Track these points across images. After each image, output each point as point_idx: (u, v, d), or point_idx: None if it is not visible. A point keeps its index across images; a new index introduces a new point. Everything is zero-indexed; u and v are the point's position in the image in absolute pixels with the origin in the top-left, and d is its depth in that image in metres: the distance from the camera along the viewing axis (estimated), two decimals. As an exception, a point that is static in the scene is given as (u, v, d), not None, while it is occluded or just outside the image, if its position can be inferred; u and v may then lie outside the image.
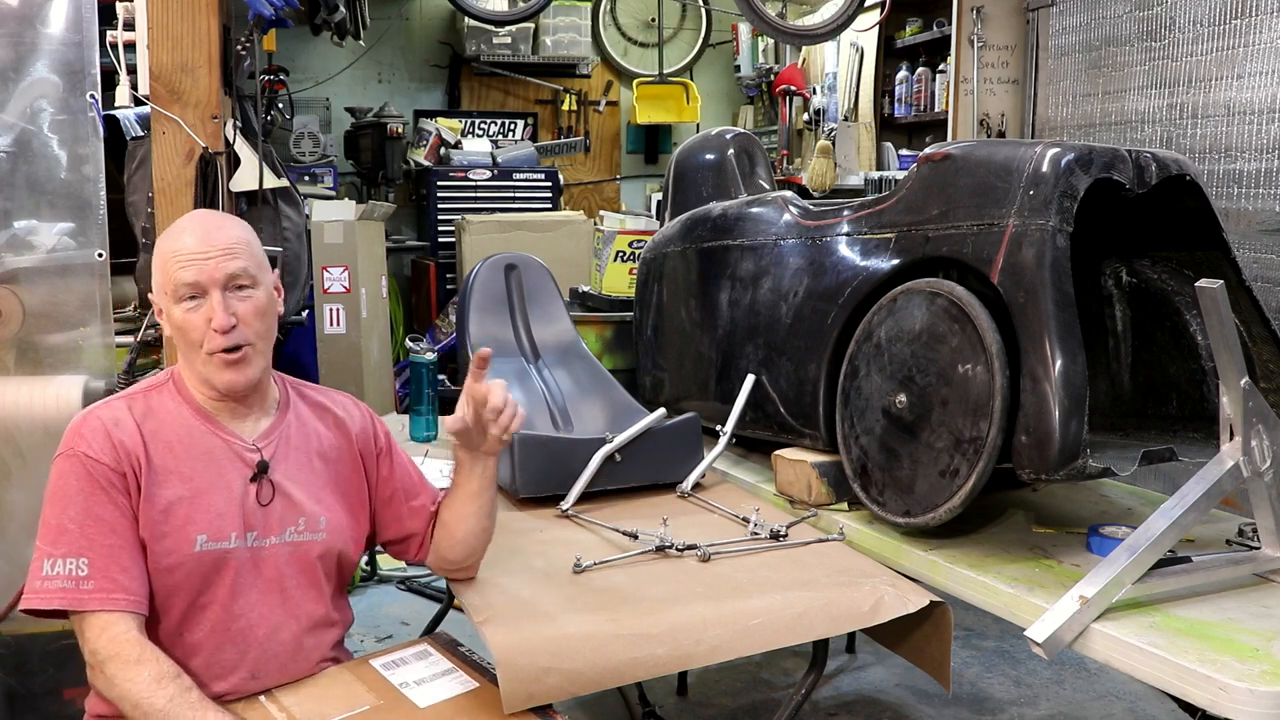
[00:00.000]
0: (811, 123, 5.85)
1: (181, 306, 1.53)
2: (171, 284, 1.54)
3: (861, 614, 1.64)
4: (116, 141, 2.76)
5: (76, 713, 1.61)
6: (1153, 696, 2.84)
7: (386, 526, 1.76)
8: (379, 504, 1.75)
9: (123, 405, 1.55)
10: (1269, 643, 1.37)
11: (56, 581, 1.44)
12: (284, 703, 1.53)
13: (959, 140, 3.34)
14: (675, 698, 2.94)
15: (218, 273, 1.53)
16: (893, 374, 1.82)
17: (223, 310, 1.52)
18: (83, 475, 1.47)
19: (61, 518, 1.46)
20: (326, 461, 1.67)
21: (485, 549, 1.76)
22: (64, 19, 2.29)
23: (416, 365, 4.56)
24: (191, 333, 1.53)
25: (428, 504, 1.77)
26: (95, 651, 1.45)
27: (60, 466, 1.49)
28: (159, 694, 1.42)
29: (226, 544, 1.53)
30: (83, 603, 1.44)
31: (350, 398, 1.78)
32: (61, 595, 1.44)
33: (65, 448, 1.49)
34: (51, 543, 1.46)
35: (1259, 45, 2.74)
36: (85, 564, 1.45)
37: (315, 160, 5.38)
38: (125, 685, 1.42)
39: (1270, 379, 1.79)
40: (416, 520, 1.76)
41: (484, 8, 5.45)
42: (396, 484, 1.75)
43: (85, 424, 1.51)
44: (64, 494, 1.47)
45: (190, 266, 1.52)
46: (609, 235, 3.43)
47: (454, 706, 1.51)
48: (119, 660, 1.43)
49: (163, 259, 1.56)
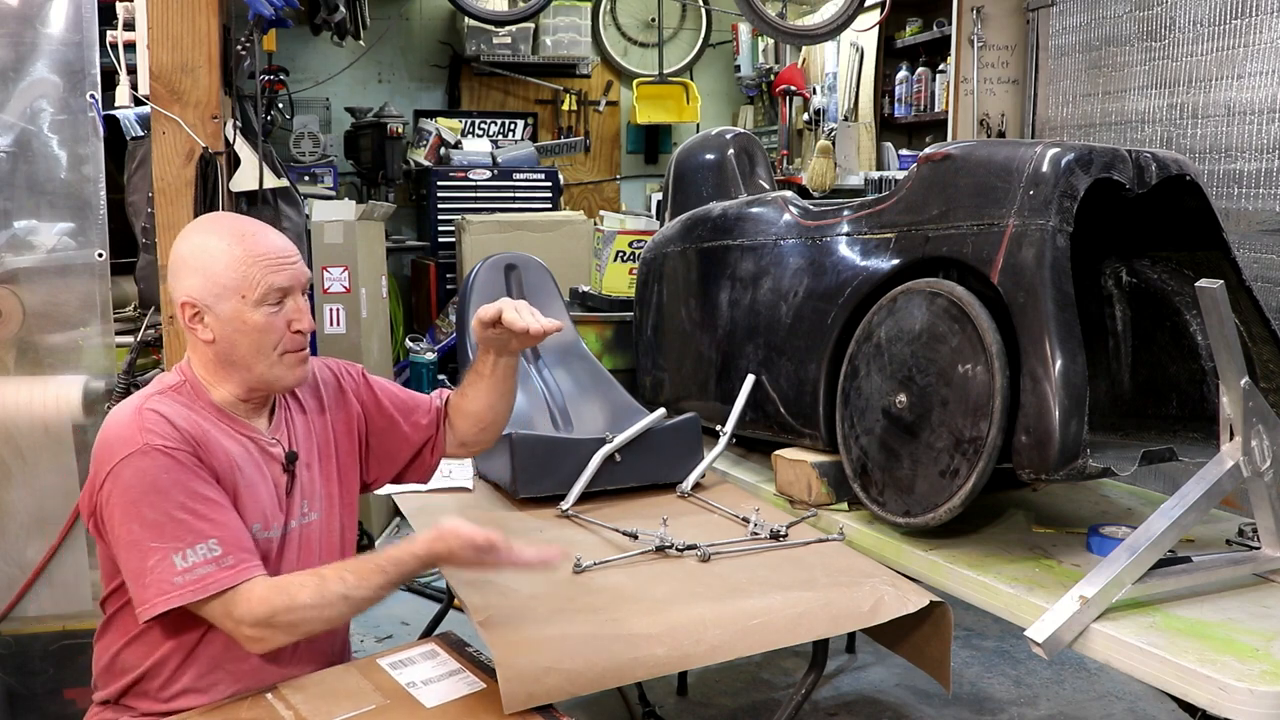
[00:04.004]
0: (811, 123, 5.85)
1: (264, 310, 1.53)
2: (260, 287, 1.52)
3: (861, 614, 1.64)
4: (116, 141, 2.76)
5: (77, 713, 1.61)
6: (1153, 696, 2.84)
7: (397, 452, 1.83)
8: (378, 436, 1.81)
9: (160, 401, 1.53)
10: (1269, 643, 1.37)
11: (198, 570, 1.43)
12: (291, 701, 1.53)
13: (959, 140, 3.34)
14: (675, 698, 2.94)
15: (301, 276, 1.58)
16: (893, 374, 1.82)
17: (308, 313, 1.59)
18: (169, 465, 1.45)
19: (165, 511, 1.44)
20: (320, 440, 1.72)
21: (504, 426, 1.90)
22: (64, 19, 2.30)
23: (416, 365, 4.54)
24: (272, 334, 1.55)
25: (429, 411, 1.86)
26: (252, 619, 1.45)
27: (137, 465, 1.44)
28: (333, 593, 1.47)
29: (270, 533, 1.58)
30: (233, 579, 1.45)
31: (317, 361, 1.80)
32: (210, 580, 1.44)
33: (134, 446, 1.45)
34: (172, 538, 1.43)
35: (1259, 45, 2.74)
36: (216, 544, 1.45)
37: (315, 160, 5.38)
38: (304, 617, 1.46)
39: (1270, 379, 1.79)
40: (423, 432, 1.85)
41: (484, 8, 5.45)
42: (388, 411, 1.82)
43: (140, 420, 1.48)
44: (155, 488, 1.44)
45: (284, 270, 1.55)
46: (609, 235, 3.43)
47: (460, 707, 1.51)
48: (282, 610, 1.45)
49: (244, 260, 1.52)
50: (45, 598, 2.34)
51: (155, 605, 1.44)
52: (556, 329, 1.69)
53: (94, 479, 1.48)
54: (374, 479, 1.84)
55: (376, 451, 1.82)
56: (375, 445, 1.82)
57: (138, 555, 1.44)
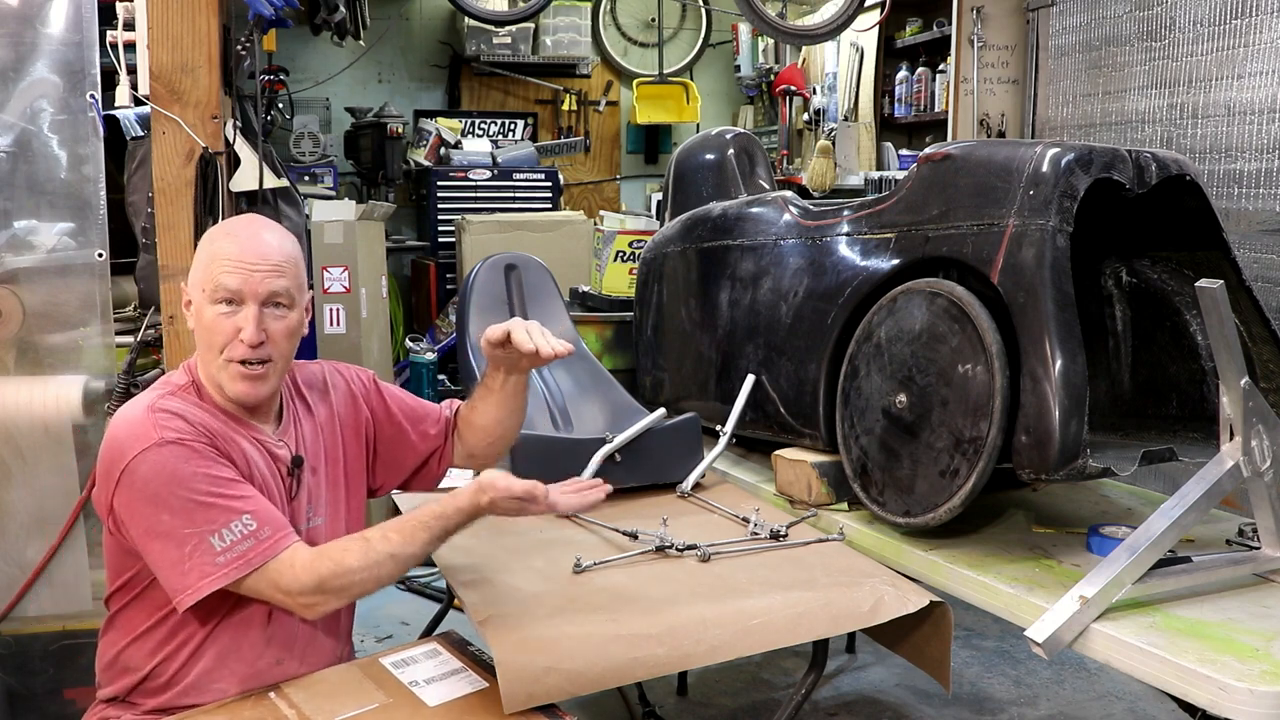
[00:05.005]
0: (811, 123, 5.85)
1: (216, 308, 1.53)
2: (212, 284, 1.52)
3: (861, 614, 1.64)
4: (116, 141, 2.76)
5: (77, 712, 1.61)
6: (1153, 696, 2.84)
7: (403, 460, 1.82)
8: (386, 443, 1.80)
9: (170, 400, 1.52)
10: (1269, 643, 1.37)
11: (238, 548, 1.43)
12: (294, 699, 1.53)
13: (959, 140, 3.34)
14: (675, 698, 2.94)
15: (260, 287, 1.53)
16: (893, 374, 1.82)
17: (255, 326, 1.52)
18: (187, 454, 1.45)
19: (192, 498, 1.43)
20: (327, 444, 1.71)
21: (513, 440, 1.89)
22: (64, 19, 2.29)
23: (416, 365, 4.55)
24: (217, 336, 1.53)
25: (438, 421, 1.85)
26: (300, 588, 1.45)
27: (153, 459, 1.43)
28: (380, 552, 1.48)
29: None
30: (274, 549, 1.45)
31: (329, 365, 1.81)
32: (253, 555, 1.44)
33: (148, 442, 1.44)
34: (205, 521, 1.43)
35: (1259, 45, 2.74)
36: (250, 519, 1.45)
37: (315, 160, 5.37)
38: (354, 580, 1.47)
39: (1270, 379, 1.79)
40: (431, 441, 1.83)
41: (484, 8, 5.44)
42: (397, 419, 1.81)
43: (152, 418, 1.47)
44: (177, 479, 1.43)
45: (236, 273, 1.52)
46: (609, 235, 3.43)
47: (462, 706, 1.51)
48: (330, 576, 1.46)
49: (208, 256, 1.54)
50: (45, 598, 2.33)
51: (200, 589, 1.43)
52: (568, 352, 1.65)
53: (106, 479, 1.47)
54: (380, 485, 1.84)
55: (383, 458, 1.81)
56: (383, 452, 1.81)
57: (174, 544, 1.43)
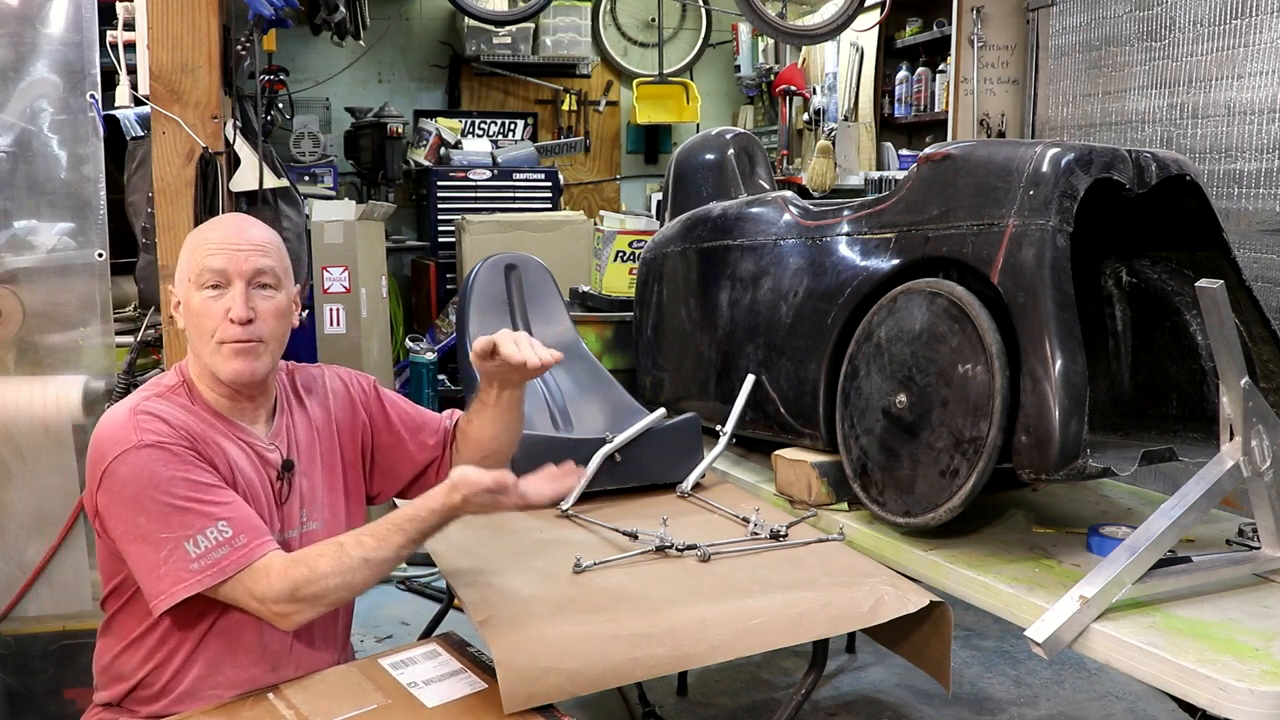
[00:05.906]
0: (811, 123, 5.85)
1: (203, 294, 1.53)
2: (197, 269, 1.53)
3: (861, 614, 1.64)
4: (116, 141, 2.76)
5: (76, 712, 1.61)
6: (1153, 696, 2.84)
7: (400, 469, 1.81)
8: (383, 451, 1.79)
9: (155, 402, 1.52)
10: (1269, 643, 1.37)
11: (212, 554, 1.43)
12: (292, 700, 1.53)
13: (959, 140, 3.34)
14: (675, 698, 2.94)
15: (245, 265, 1.54)
16: (893, 374, 1.82)
17: (243, 302, 1.52)
18: (165, 457, 1.44)
19: (169, 502, 1.43)
20: (324, 448, 1.70)
21: (510, 454, 1.83)
22: (64, 19, 2.29)
23: (416, 365, 4.55)
24: (207, 319, 1.53)
25: (437, 431, 1.83)
26: (275, 595, 1.44)
27: (132, 461, 1.43)
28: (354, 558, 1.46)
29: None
30: (248, 557, 1.44)
31: (330, 369, 1.81)
32: (226, 562, 1.43)
33: (127, 445, 1.44)
34: (181, 526, 1.42)
35: (1259, 45, 2.74)
36: (226, 525, 1.44)
37: (315, 160, 5.37)
38: (328, 586, 1.45)
39: (1270, 379, 1.79)
40: (429, 452, 1.81)
41: (484, 8, 5.44)
42: (396, 427, 1.79)
43: (134, 421, 1.47)
44: (155, 482, 1.43)
45: (220, 254, 1.53)
46: (609, 235, 3.43)
47: (462, 707, 1.51)
48: (304, 582, 1.44)
49: (192, 245, 1.56)
50: (45, 598, 2.33)
51: (173, 594, 1.42)
52: (556, 360, 1.63)
53: (91, 480, 1.48)
54: (377, 493, 1.83)
55: (380, 465, 1.80)
56: (379, 459, 1.80)
57: (150, 548, 1.43)
